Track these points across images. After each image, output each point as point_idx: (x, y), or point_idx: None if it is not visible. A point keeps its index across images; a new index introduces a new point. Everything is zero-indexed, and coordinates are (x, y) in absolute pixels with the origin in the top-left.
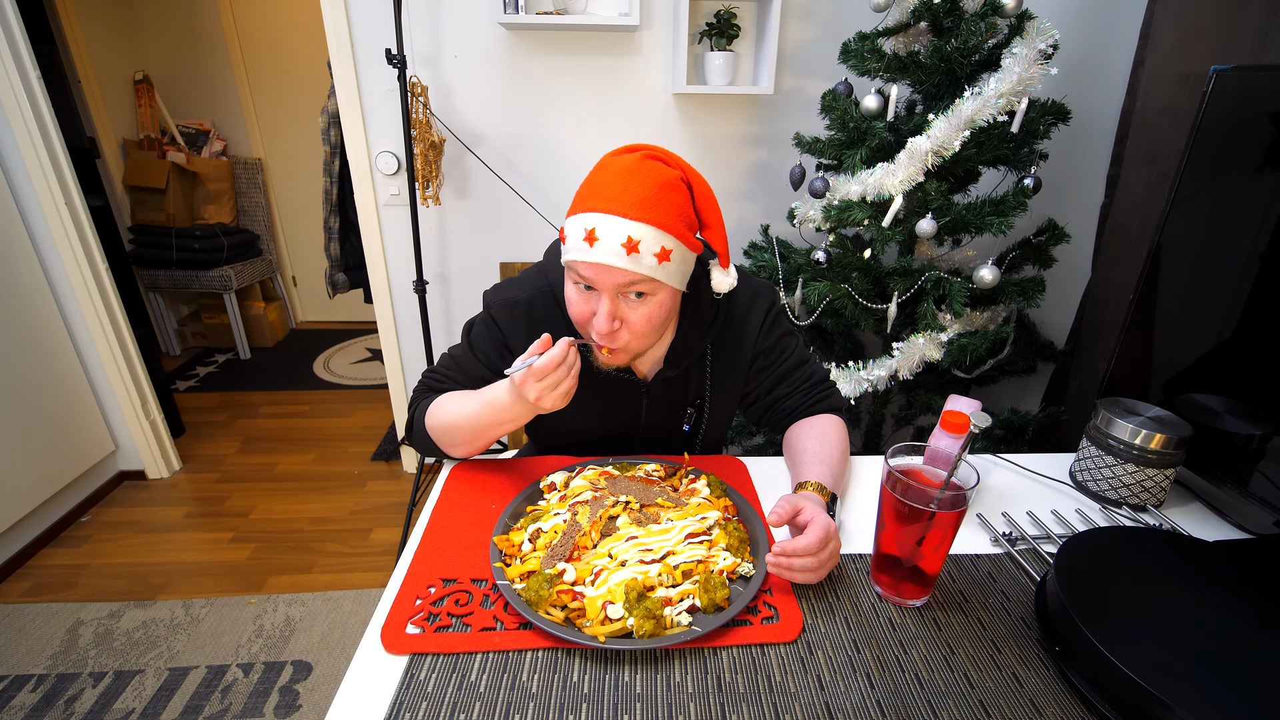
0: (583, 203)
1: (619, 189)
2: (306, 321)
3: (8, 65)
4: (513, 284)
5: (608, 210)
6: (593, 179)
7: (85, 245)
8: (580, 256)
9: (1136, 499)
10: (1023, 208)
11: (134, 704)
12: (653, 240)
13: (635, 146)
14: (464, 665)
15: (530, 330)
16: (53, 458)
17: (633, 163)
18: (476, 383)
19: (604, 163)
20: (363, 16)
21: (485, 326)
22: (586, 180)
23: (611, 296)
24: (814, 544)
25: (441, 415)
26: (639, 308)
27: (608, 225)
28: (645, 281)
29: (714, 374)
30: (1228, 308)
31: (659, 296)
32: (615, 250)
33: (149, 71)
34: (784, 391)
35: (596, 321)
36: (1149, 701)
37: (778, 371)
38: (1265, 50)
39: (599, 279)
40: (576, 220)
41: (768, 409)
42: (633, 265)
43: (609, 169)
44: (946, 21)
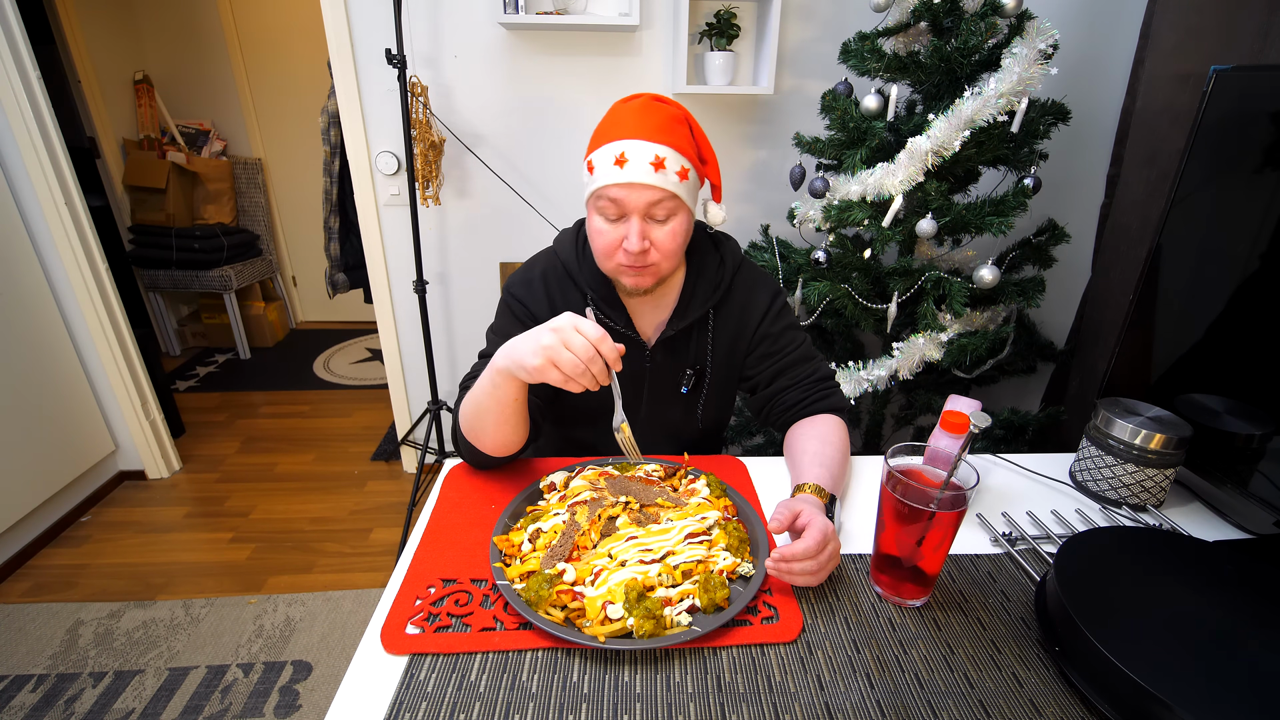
0: (606, 135)
1: (639, 120)
2: (306, 321)
3: (8, 65)
4: (525, 266)
5: (634, 135)
6: (611, 118)
7: (85, 245)
8: (613, 179)
9: (1136, 499)
10: (1023, 208)
11: (134, 704)
12: (674, 160)
13: (638, 95)
14: (464, 665)
15: (548, 297)
16: (53, 458)
17: (645, 101)
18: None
19: (617, 106)
20: (363, 16)
21: (507, 311)
22: (603, 122)
23: (641, 217)
24: (812, 547)
25: (463, 416)
26: (663, 228)
27: (636, 148)
28: (670, 199)
29: (715, 341)
30: (1228, 308)
31: (679, 217)
32: (645, 168)
33: (149, 71)
34: (786, 384)
35: (628, 242)
36: (1149, 701)
37: (781, 362)
38: (1265, 50)
39: (629, 199)
40: (605, 149)
41: (769, 400)
42: (661, 181)
43: (625, 108)
44: (946, 21)
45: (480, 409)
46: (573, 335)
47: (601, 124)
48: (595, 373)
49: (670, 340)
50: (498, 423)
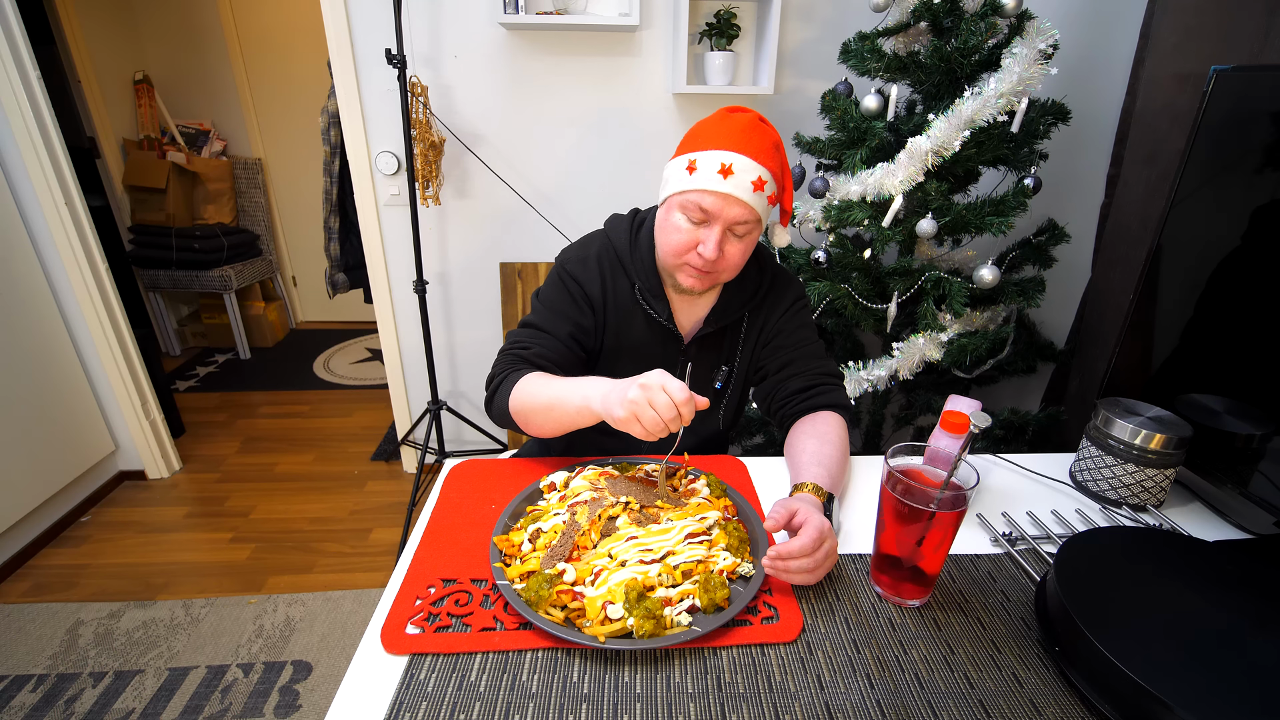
0: (714, 140)
1: (748, 137)
2: (306, 321)
3: (8, 65)
4: (578, 245)
5: (742, 151)
6: (718, 125)
7: (85, 245)
8: (714, 186)
9: (1136, 499)
10: (1023, 208)
11: (134, 704)
12: (771, 184)
13: (745, 109)
14: (464, 665)
15: (601, 279)
16: (53, 458)
17: (754, 119)
18: (567, 344)
19: (724, 115)
20: (363, 16)
21: (560, 285)
22: (707, 125)
23: (723, 229)
24: (808, 545)
25: (527, 398)
26: (738, 243)
27: (744, 164)
28: (755, 221)
29: (745, 341)
30: (1228, 308)
31: (752, 235)
32: (746, 186)
33: (149, 71)
34: (791, 373)
35: (704, 248)
36: (1149, 701)
37: (790, 354)
38: (1265, 50)
39: (721, 210)
40: (712, 155)
41: (773, 390)
42: (755, 202)
43: (733, 120)
44: (946, 21)
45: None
46: (659, 395)
47: (707, 126)
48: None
49: (706, 337)
50: (556, 427)
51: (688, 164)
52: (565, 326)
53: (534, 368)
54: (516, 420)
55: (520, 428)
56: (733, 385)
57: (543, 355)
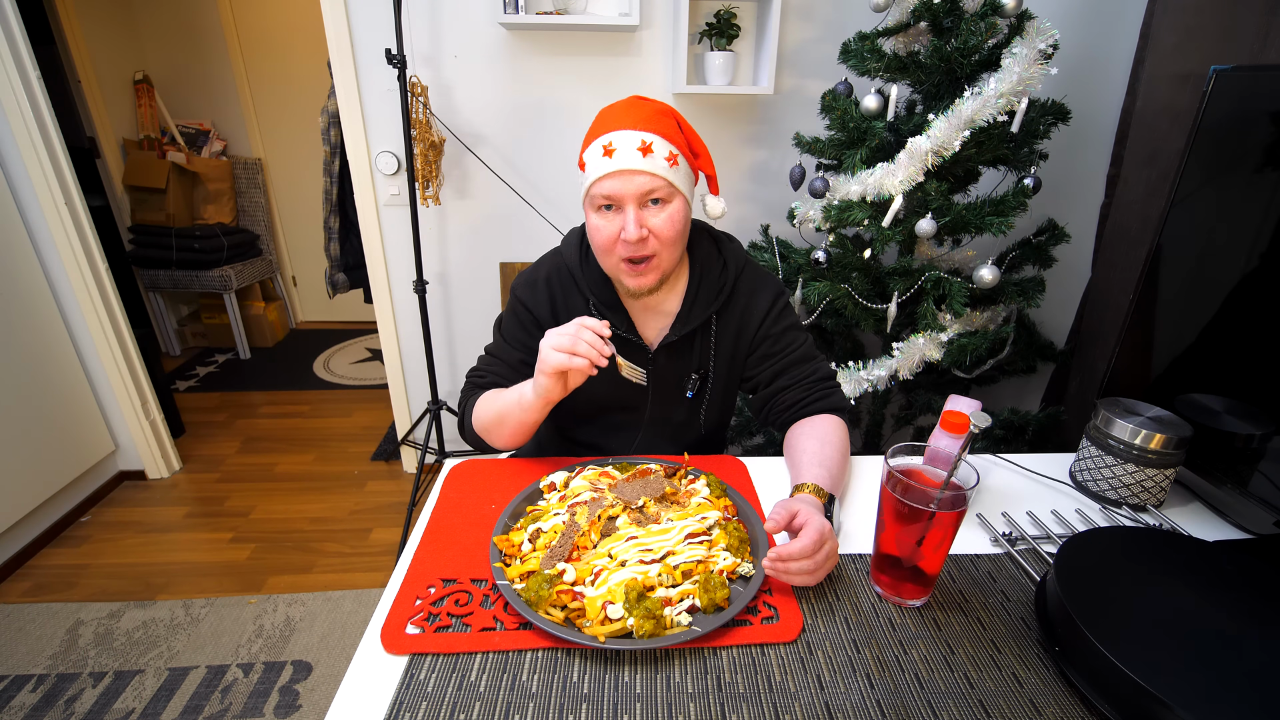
0: (594, 133)
1: (624, 112)
2: (306, 321)
3: (8, 65)
4: (533, 266)
5: (619, 126)
6: (599, 117)
7: (85, 245)
8: (603, 169)
9: (1136, 499)
10: (1023, 208)
11: (134, 704)
12: (661, 145)
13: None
14: (464, 665)
15: (551, 301)
16: (53, 458)
17: (629, 100)
18: (516, 369)
19: (605, 108)
20: (363, 16)
21: (513, 312)
22: (592, 124)
23: (636, 205)
24: (809, 546)
25: (481, 415)
26: (660, 214)
27: (622, 137)
28: (663, 184)
29: (717, 345)
30: (1228, 308)
31: (675, 203)
32: (632, 154)
33: (149, 71)
34: (786, 383)
35: (625, 231)
36: (1149, 701)
37: (782, 362)
38: (1265, 50)
39: (621, 188)
40: (594, 145)
41: (768, 400)
42: (649, 166)
43: (611, 107)
44: (946, 21)
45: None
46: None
47: (590, 127)
48: (587, 340)
49: (673, 345)
50: (514, 432)
51: (579, 163)
52: (516, 353)
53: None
54: (484, 439)
55: (492, 445)
56: (710, 390)
57: (496, 384)
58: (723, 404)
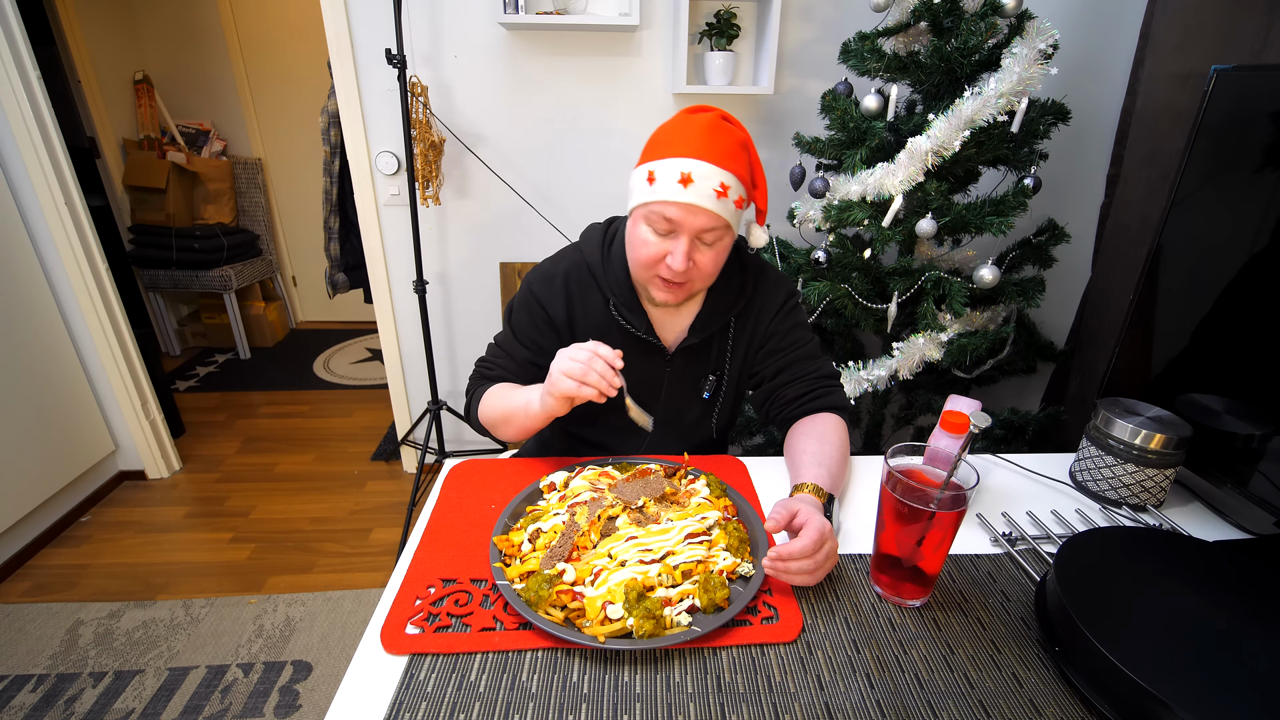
0: (671, 147)
1: (709, 140)
2: (306, 321)
3: (8, 65)
4: (549, 261)
5: (701, 156)
6: (677, 130)
7: (85, 245)
8: (674, 197)
9: (1136, 499)
10: (1023, 208)
11: (134, 704)
12: (735, 189)
13: (706, 107)
14: (464, 665)
15: (567, 299)
16: (53, 458)
17: (714, 120)
18: (524, 367)
19: (684, 118)
20: (363, 16)
21: (525, 307)
22: (666, 131)
23: (690, 239)
24: (809, 546)
25: (488, 410)
26: (707, 251)
27: (703, 170)
28: (723, 227)
29: (734, 347)
30: (1228, 308)
31: (724, 242)
32: (708, 193)
33: (149, 71)
34: (788, 379)
35: (673, 260)
36: (1149, 701)
37: (787, 357)
38: (1265, 50)
39: (686, 220)
40: (670, 164)
41: (770, 395)
42: (720, 209)
43: (693, 123)
44: (946, 21)
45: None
46: (573, 352)
47: (665, 132)
48: (599, 370)
49: (691, 348)
50: (519, 433)
51: (647, 174)
52: (523, 351)
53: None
54: (489, 430)
55: (495, 437)
56: (724, 392)
57: (503, 379)
58: (734, 405)
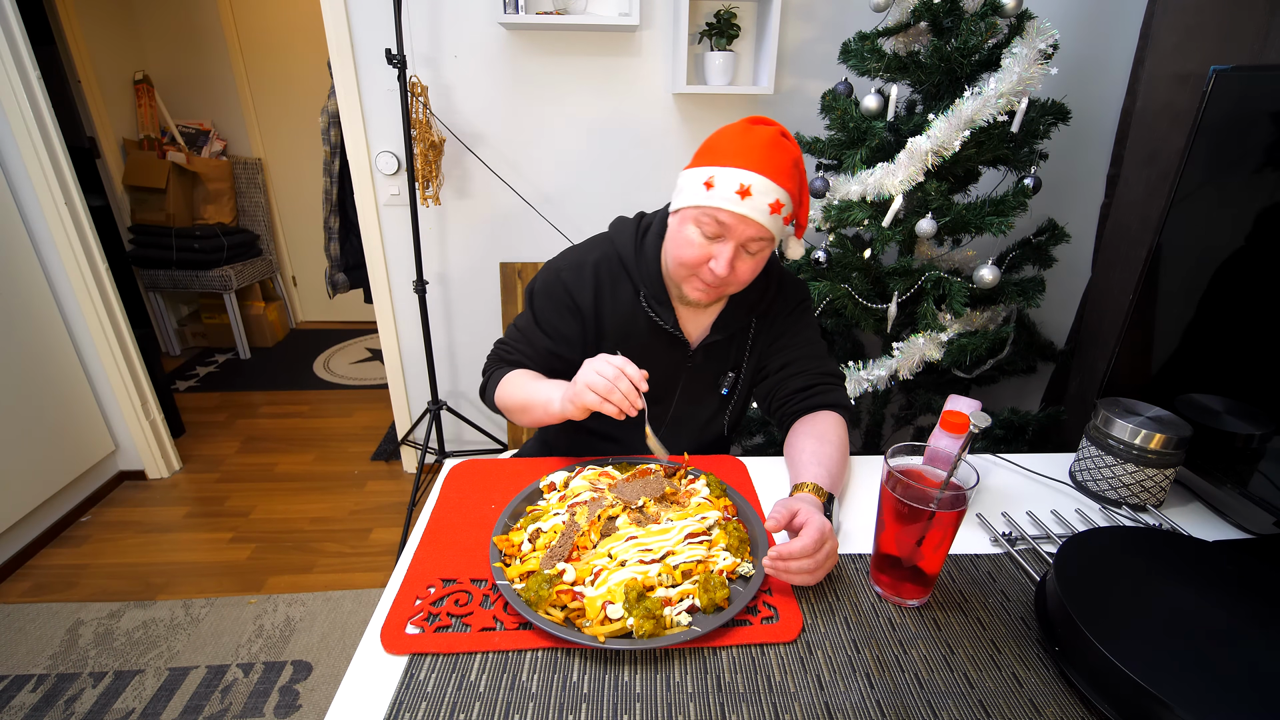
0: (733, 157)
1: (769, 156)
2: (306, 321)
3: (8, 65)
4: (579, 249)
5: (762, 171)
6: (739, 140)
7: (85, 245)
8: (730, 206)
9: (1136, 499)
10: (1023, 208)
11: (134, 704)
12: (787, 206)
13: (768, 120)
14: (464, 665)
15: (596, 288)
16: (53, 458)
17: (775, 136)
18: (544, 355)
19: (747, 129)
20: (363, 16)
21: (549, 293)
22: (728, 139)
23: (737, 246)
24: (809, 545)
25: (506, 395)
26: (750, 260)
27: (763, 185)
28: (769, 239)
29: (753, 347)
30: (1228, 308)
31: (765, 253)
32: (763, 208)
33: (149, 71)
34: (792, 372)
35: (716, 265)
36: (1149, 701)
37: (793, 353)
38: (1265, 50)
39: (737, 229)
40: (730, 173)
41: (773, 388)
42: (771, 224)
43: (755, 136)
44: (946, 21)
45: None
46: (601, 365)
47: (727, 140)
48: (623, 390)
49: (713, 344)
50: (533, 423)
51: (706, 179)
52: (544, 341)
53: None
54: (503, 413)
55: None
56: (739, 390)
57: (521, 364)
58: (745, 403)
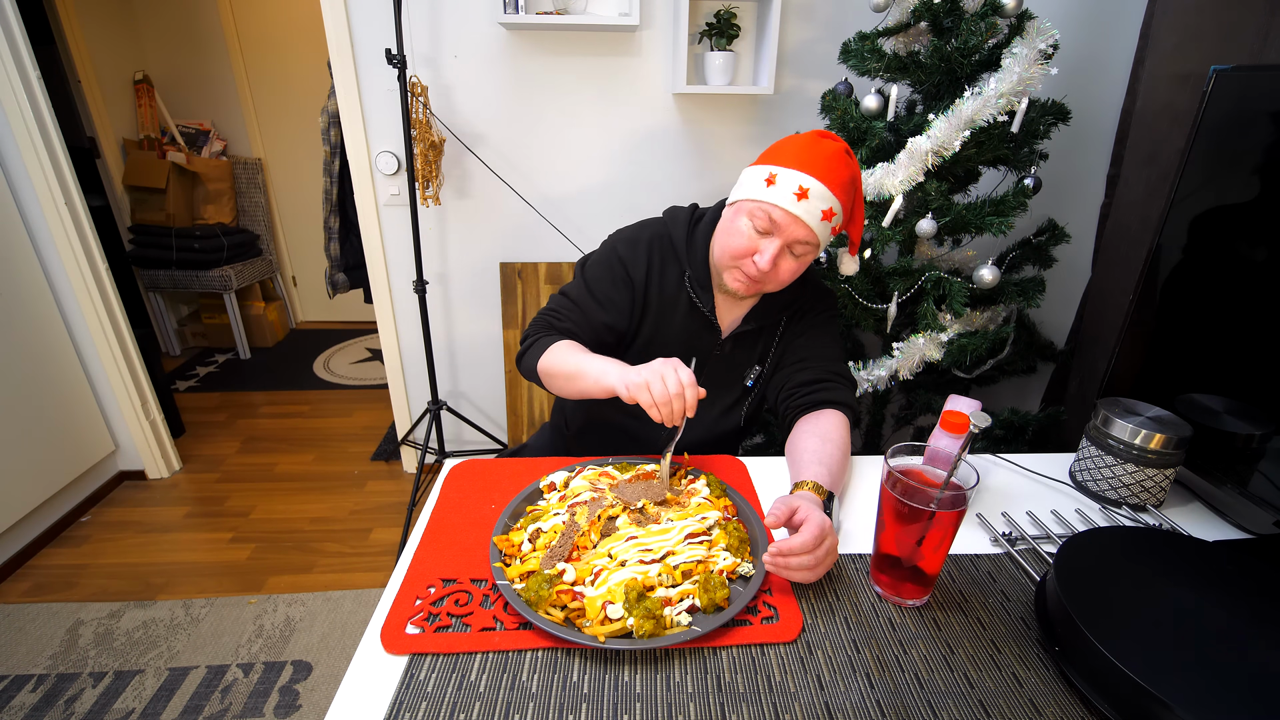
0: (797, 160)
1: (831, 167)
2: (306, 321)
3: (8, 65)
4: (633, 227)
5: (821, 179)
6: (806, 149)
7: (85, 245)
8: (787, 205)
9: (1136, 499)
10: (1023, 208)
11: (134, 704)
12: (838, 216)
13: (834, 136)
14: (464, 665)
15: (649, 263)
16: (53, 458)
17: (840, 150)
18: (596, 326)
19: (814, 139)
20: (363, 16)
21: (605, 264)
22: (795, 146)
23: (784, 244)
24: (809, 542)
25: (553, 362)
26: (792, 261)
27: (820, 191)
28: (815, 245)
29: (779, 344)
30: (1227, 308)
31: (807, 258)
32: (816, 212)
33: (149, 71)
34: (802, 366)
35: (760, 259)
36: (1149, 701)
37: (807, 351)
38: (1265, 50)
39: (788, 228)
40: (792, 174)
41: (783, 381)
42: (820, 230)
43: (821, 147)
44: (946, 21)
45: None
46: (670, 373)
47: (794, 146)
48: (675, 409)
49: (743, 335)
50: (574, 392)
51: (767, 176)
52: (598, 312)
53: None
54: (541, 379)
55: (542, 385)
56: (760, 382)
57: (571, 331)
58: (762, 399)
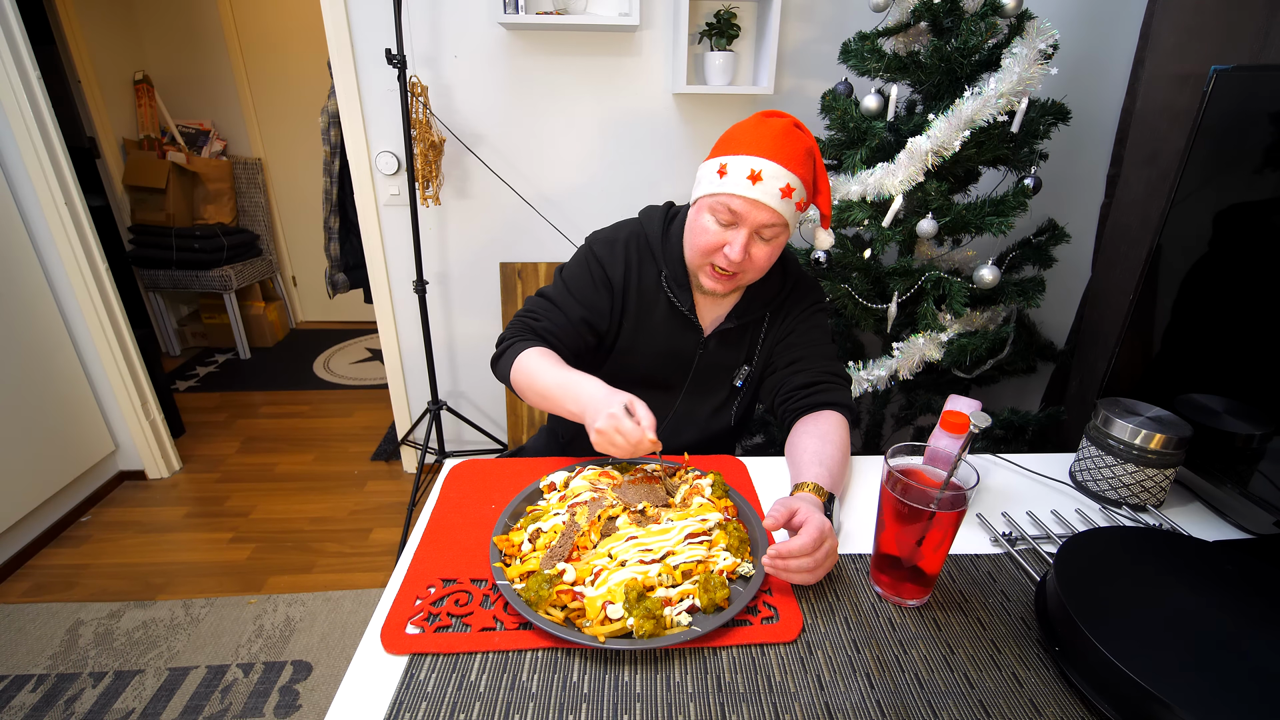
0: (745, 146)
1: (780, 143)
2: (306, 321)
3: (8, 65)
4: (610, 228)
5: (772, 158)
6: (751, 131)
7: (85, 245)
8: (742, 191)
9: (1136, 499)
10: (1023, 208)
11: (134, 704)
12: (800, 190)
13: (781, 114)
14: (464, 665)
15: (626, 264)
16: (53, 458)
17: (788, 125)
18: (575, 324)
19: (760, 120)
20: (363, 16)
21: (584, 264)
22: (741, 131)
23: (750, 232)
24: (808, 544)
25: (525, 375)
26: (765, 246)
27: (772, 170)
28: (782, 225)
29: (764, 341)
30: (1228, 308)
31: (779, 240)
32: (774, 192)
33: (149, 71)
34: (797, 369)
35: (730, 251)
36: (1149, 701)
37: (800, 351)
38: (1265, 50)
39: (748, 214)
40: (742, 160)
41: (778, 384)
42: (782, 208)
43: (767, 127)
44: (946, 21)
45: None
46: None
47: (740, 132)
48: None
49: (726, 333)
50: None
51: (719, 167)
52: (578, 310)
53: (542, 340)
54: (515, 390)
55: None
56: (750, 382)
57: (551, 331)
58: (753, 398)
